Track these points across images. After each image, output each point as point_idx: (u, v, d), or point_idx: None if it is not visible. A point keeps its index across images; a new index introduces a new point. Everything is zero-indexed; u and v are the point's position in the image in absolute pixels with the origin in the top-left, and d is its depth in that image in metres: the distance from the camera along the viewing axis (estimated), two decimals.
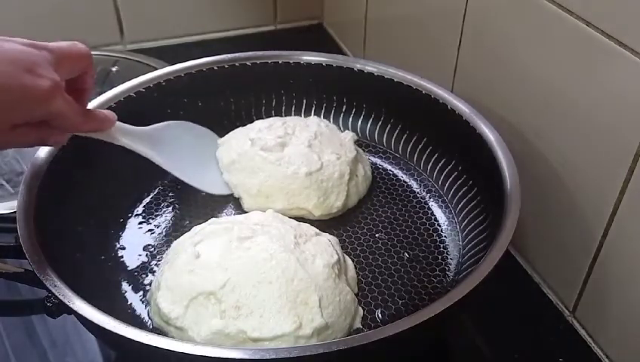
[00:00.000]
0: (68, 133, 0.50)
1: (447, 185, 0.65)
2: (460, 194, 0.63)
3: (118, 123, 0.54)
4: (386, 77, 0.68)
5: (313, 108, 0.73)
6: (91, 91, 0.51)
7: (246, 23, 1.04)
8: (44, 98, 0.43)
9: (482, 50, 0.66)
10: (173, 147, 0.61)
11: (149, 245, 0.60)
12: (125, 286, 0.55)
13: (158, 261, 0.57)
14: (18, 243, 0.48)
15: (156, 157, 0.58)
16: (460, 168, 0.64)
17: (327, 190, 0.61)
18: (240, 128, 0.67)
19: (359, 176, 0.64)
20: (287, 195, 0.61)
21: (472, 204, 0.61)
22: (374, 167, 0.69)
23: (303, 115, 0.73)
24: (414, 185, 0.67)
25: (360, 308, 0.53)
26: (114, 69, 0.89)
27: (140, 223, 0.62)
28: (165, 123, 0.61)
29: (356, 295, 0.53)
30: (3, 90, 0.41)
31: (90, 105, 0.61)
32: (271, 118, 0.68)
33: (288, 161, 0.62)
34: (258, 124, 0.67)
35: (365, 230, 0.62)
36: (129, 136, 0.55)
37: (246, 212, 0.61)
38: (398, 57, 0.82)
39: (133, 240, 0.60)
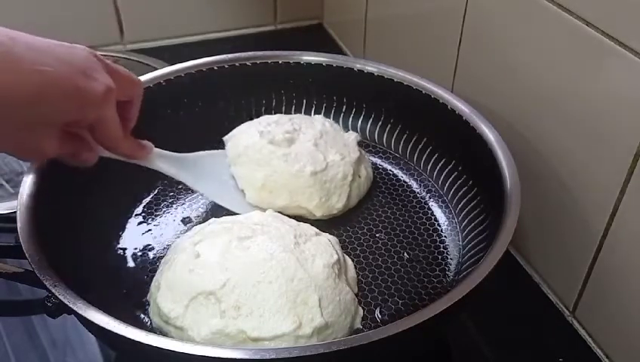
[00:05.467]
0: (101, 151, 0.51)
1: (447, 185, 0.65)
2: (460, 194, 0.63)
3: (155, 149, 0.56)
4: (386, 77, 0.68)
5: (313, 108, 0.73)
6: (133, 123, 0.52)
7: (246, 23, 1.04)
8: (97, 101, 0.45)
9: (482, 50, 0.66)
10: (206, 171, 0.62)
11: (149, 245, 0.60)
12: (125, 286, 0.55)
13: (158, 261, 0.57)
14: (18, 243, 0.48)
15: (189, 180, 0.60)
16: (460, 168, 0.64)
17: (329, 191, 0.61)
18: (246, 123, 0.67)
19: (361, 177, 0.64)
20: (291, 193, 0.61)
21: (472, 204, 0.61)
22: (374, 167, 0.69)
23: (303, 114, 0.73)
24: (414, 185, 0.67)
25: (360, 307, 0.53)
26: None
27: (140, 223, 0.62)
28: (200, 152, 0.62)
29: (356, 295, 0.53)
30: (58, 88, 0.42)
31: None
32: (277, 115, 0.68)
33: (295, 158, 0.61)
34: (265, 118, 0.67)
35: (365, 230, 0.62)
36: (164, 160, 0.57)
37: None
38: (398, 57, 0.82)
39: (133, 240, 0.60)
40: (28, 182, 0.53)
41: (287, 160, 0.61)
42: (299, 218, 0.59)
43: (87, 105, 0.45)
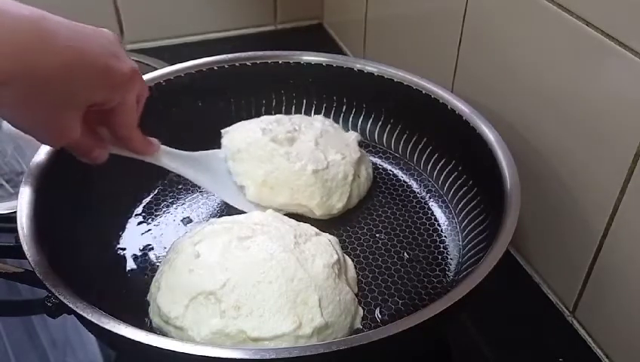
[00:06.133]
0: (112, 148, 0.52)
1: (447, 185, 0.65)
2: (460, 194, 0.63)
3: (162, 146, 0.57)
4: (386, 77, 0.68)
5: (313, 108, 0.73)
6: (137, 122, 0.53)
7: (246, 23, 1.04)
8: (124, 82, 0.46)
9: (482, 50, 0.66)
10: (209, 168, 0.62)
11: (148, 245, 0.60)
12: (125, 285, 0.55)
13: (158, 261, 0.57)
14: (18, 243, 0.48)
15: (192, 175, 0.60)
16: (460, 168, 0.64)
17: (330, 190, 0.61)
18: (244, 121, 0.67)
19: (361, 178, 0.64)
20: (292, 190, 0.60)
21: (472, 204, 0.61)
22: (374, 167, 0.69)
23: (303, 115, 0.73)
24: (414, 185, 0.67)
25: (360, 307, 0.53)
26: None
27: (140, 223, 0.62)
28: (203, 151, 0.63)
29: (356, 295, 0.53)
30: (89, 66, 0.43)
31: None
32: (277, 115, 0.68)
33: (296, 157, 0.61)
34: (265, 118, 0.66)
35: (365, 230, 0.62)
36: (170, 158, 0.58)
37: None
38: (398, 57, 0.82)
39: (133, 240, 0.60)
40: (28, 182, 0.53)
41: (289, 158, 0.61)
42: (298, 217, 0.59)
43: (115, 85, 0.46)
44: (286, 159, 0.61)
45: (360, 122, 0.73)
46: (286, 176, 0.61)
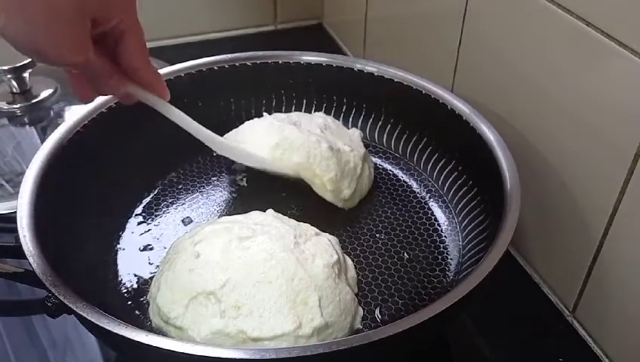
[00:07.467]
0: (130, 83, 0.50)
1: (447, 185, 0.65)
2: (460, 194, 0.64)
3: None
4: (386, 77, 0.68)
5: (313, 108, 0.73)
6: None
7: (246, 23, 1.04)
8: None
9: (482, 50, 0.66)
10: None
11: (148, 245, 0.60)
12: (125, 286, 0.55)
13: (158, 261, 0.57)
14: (18, 243, 0.48)
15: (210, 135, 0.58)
16: (460, 168, 0.65)
17: (344, 172, 0.60)
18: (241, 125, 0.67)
19: (364, 177, 0.64)
20: (308, 153, 0.59)
21: (472, 204, 0.61)
22: (374, 167, 0.69)
23: (302, 112, 0.73)
24: (414, 185, 0.67)
25: (360, 307, 0.53)
26: None
27: (140, 223, 0.62)
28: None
29: (356, 295, 0.53)
30: None
31: (91, 105, 0.62)
32: (274, 114, 0.68)
33: (308, 132, 0.60)
34: (262, 118, 0.66)
35: (365, 230, 0.62)
36: (180, 116, 0.55)
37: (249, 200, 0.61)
38: (398, 57, 0.82)
39: (133, 240, 0.60)
40: (28, 182, 0.53)
41: (301, 130, 0.60)
42: (299, 217, 0.59)
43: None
44: (298, 130, 0.60)
45: (360, 122, 0.73)
46: (302, 142, 0.59)
